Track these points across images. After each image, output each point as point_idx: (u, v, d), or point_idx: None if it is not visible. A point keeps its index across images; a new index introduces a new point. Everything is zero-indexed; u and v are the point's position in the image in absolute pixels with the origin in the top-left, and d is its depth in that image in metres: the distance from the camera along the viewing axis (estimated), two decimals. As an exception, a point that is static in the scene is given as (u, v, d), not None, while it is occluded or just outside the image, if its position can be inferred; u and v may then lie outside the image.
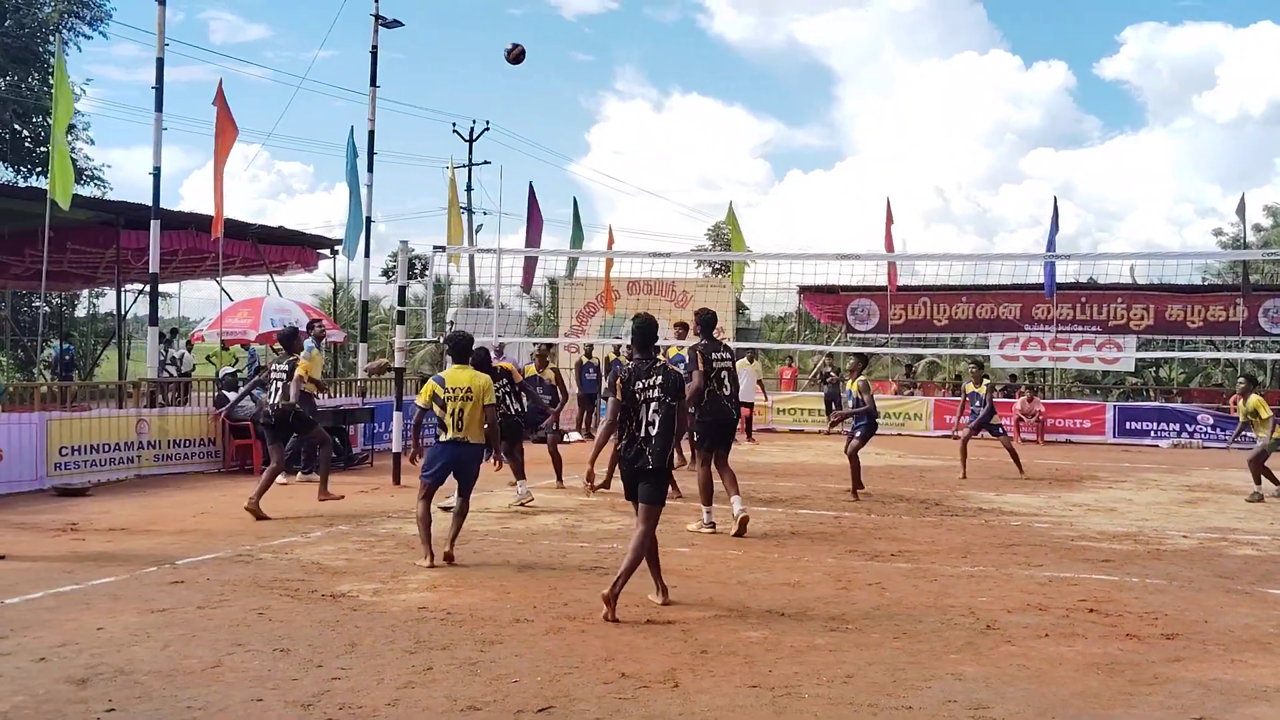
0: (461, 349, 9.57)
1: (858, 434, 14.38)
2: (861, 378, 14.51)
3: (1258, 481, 14.34)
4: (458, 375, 9.28)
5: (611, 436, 10.09)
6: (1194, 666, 6.35)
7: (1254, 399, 14.90)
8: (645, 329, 8.01)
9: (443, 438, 9.22)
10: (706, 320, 11.11)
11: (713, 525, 10.79)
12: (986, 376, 17.79)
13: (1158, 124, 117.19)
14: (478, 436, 9.30)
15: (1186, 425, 24.47)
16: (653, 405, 7.65)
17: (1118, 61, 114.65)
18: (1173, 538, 11.15)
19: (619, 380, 7.80)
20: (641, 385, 7.71)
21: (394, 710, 5.30)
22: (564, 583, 8.31)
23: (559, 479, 14.27)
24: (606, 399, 11.48)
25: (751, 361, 23.98)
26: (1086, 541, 10.79)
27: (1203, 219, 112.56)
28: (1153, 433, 24.63)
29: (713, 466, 10.93)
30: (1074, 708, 5.54)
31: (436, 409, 9.21)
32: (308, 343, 15.35)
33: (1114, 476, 17.27)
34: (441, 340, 10.95)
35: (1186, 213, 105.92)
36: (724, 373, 10.89)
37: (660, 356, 8.08)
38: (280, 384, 12.49)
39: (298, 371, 12.58)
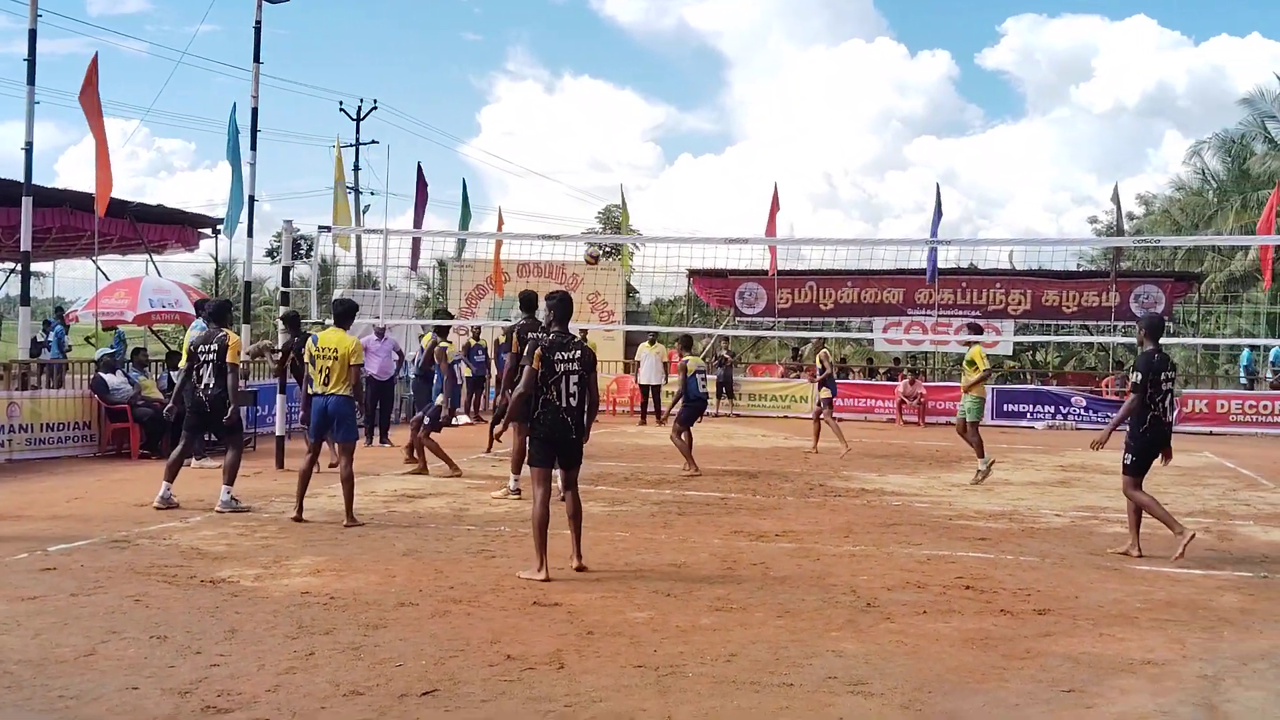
0: (344, 314, 10.63)
1: (673, 413, 14.72)
2: (685, 357, 14.77)
3: (981, 454, 14.32)
4: (328, 336, 10.27)
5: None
6: (1064, 641, 6.56)
7: (975, 349, 14.65)
8: (566, 303, 8.45)
9: (310, 392, 10.32)
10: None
11: (518, 491, 11.61)
12: (824, 345, 18.48)
13: (1036, 114, 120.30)
14: (343, 390, 10.21)
15: (1061, 407, 25.23)
16: (573, 378, 8.11)
17: (999, 52, 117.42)
18: (1046, 516, 11.49)
19: (539, 350, 8.04)
20: (561, 357, 8.08)
21: (274, 696, 5.23)
22: (450, 566, 8.27)
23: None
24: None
25: (653, 344, 23.85)
26: (964, 520, 11.07)
27: (1079, 207, 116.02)
28: (1029, 414, 25.33)
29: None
30: (949, 682, 5.69)
31: (309, 367, 10.35)
32: (197, 323, 14.80)
33: (991, 457, 17.68)
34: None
35: (1064, 200, 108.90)
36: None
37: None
38: (212, 364, 10.77)
39: (229, 356, 10.78)
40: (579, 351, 8.17)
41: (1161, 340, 9.53)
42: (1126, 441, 9.37)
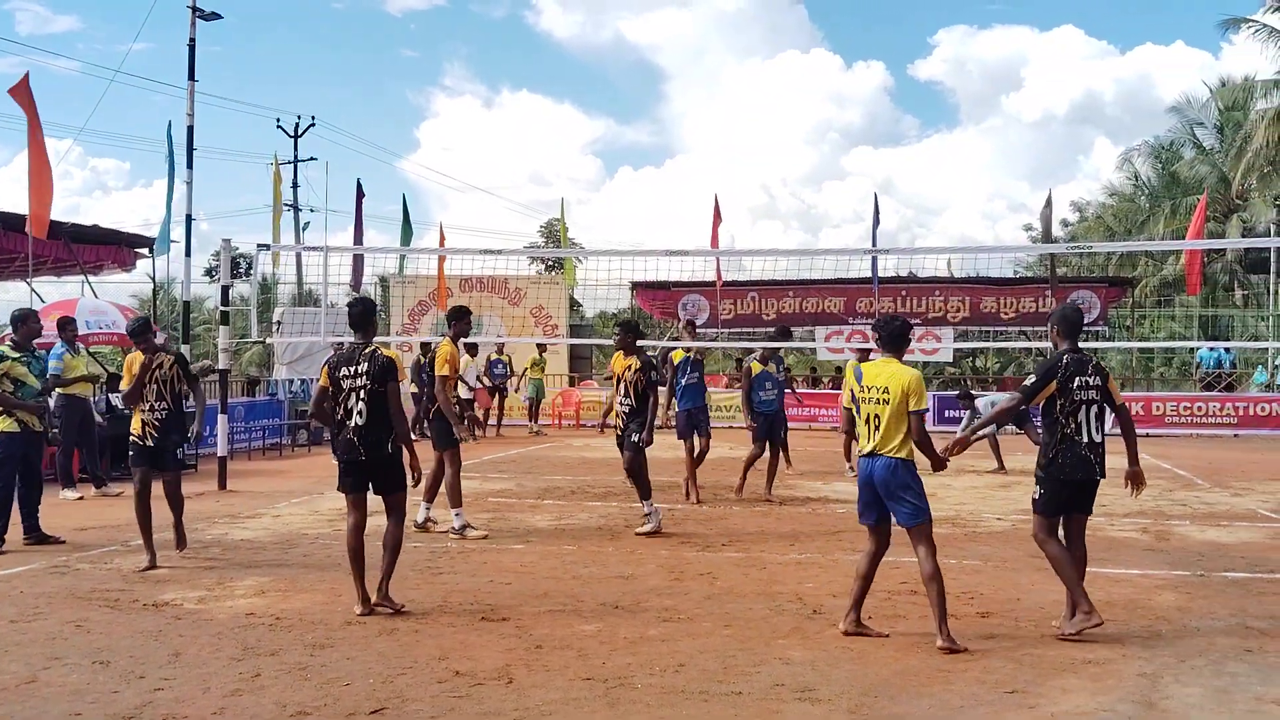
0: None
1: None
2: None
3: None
4: (878, 370, 7.27)
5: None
6: (1007, 643, 6.67)
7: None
8: (352, 309, 7.63)
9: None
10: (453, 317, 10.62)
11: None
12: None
13: (970, 123, 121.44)
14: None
15: (1001, 413, 25.48)
16: (360, 394, 7.25)
17: (931, 63, 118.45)
18: (987, 520, 11.64)
19: (325, 367, 7.40)
20: (347, 373, 7.30)
21: (220, 719, 5.19)
22: (397, 584, 8.19)
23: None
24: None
25: (475, 356, 21.65)
26: (908, 526, 11.16)
27: (1014, 214, 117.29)
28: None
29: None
30: (895, 686, 5.75)
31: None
32: (58, 347, 12.99)
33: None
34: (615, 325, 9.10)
35: (999, 208, 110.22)
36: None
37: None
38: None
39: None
40: (367, 364, 7.28)
41: (1093, 344, 9.50)
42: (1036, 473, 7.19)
